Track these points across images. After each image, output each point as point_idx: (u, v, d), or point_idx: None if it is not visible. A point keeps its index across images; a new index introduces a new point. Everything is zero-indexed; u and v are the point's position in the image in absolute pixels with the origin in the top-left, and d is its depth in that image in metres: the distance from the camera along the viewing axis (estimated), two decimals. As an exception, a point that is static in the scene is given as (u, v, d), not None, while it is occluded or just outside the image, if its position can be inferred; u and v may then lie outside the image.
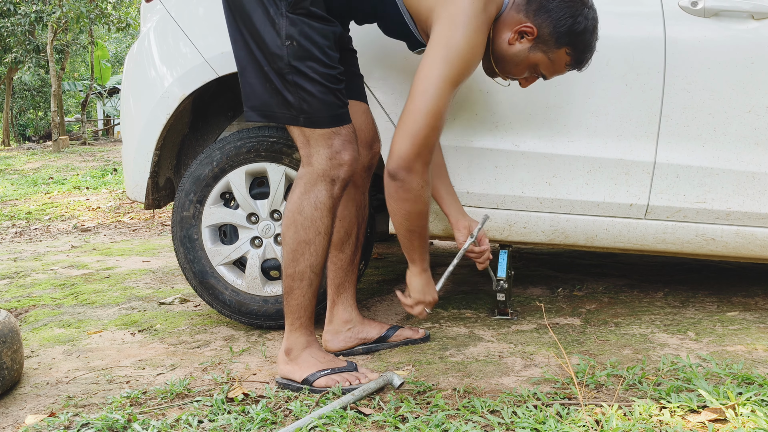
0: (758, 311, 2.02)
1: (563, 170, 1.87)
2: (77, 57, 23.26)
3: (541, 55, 1.50)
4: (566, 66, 1.52)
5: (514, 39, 1.49)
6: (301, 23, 1.43)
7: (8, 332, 1.59)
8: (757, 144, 1.80)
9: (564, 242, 1.93)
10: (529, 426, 1.25)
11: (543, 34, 1.47)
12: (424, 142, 1.40)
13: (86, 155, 12.22)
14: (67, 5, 12.01)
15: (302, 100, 1.45)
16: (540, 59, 1.50)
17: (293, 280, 1.52)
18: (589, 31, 1.48)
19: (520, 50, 1.50)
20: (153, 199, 2.15)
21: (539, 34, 1.47)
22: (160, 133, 2.04)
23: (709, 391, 1.34)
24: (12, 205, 6.32)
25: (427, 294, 1.63)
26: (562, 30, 1.46)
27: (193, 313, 2.26)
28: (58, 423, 1.39)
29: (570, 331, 1.89)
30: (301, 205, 1.49)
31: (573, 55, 1.50)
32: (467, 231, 1.77)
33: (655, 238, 1.88)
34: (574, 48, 1.49)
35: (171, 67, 2.03)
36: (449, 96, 1.41)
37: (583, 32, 1.47)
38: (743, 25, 1.78)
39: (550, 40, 1.47)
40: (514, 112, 1.87)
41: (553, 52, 1.49)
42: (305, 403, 1.43)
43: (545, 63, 1.51)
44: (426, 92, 1.39)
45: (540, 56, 1.50)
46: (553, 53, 1.49)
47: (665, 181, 1.84)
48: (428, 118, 1.39)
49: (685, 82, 1.79)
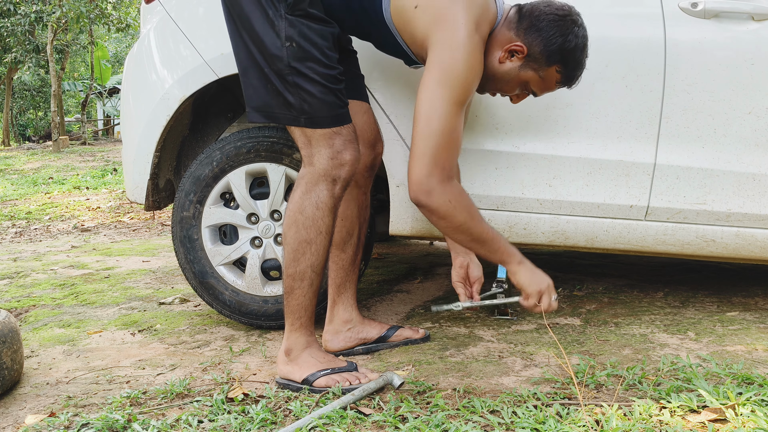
0: (758, 311, 2.02)
1: (563, 172, 1.87)
2: (77, 57, 23.26)
3: (531, 73, 1.50)
4: (557, 83, 1.53)
5: (504, 57, 1.49)
6: (300, 24, 1.43)
7: (8, 332, 1.59)
8: (757, 145, 1.80)
9: (564, 244, 1.93)
10: (529, 426, 1.25)
11: (533, 52, 1.47)
12: (433, 163, 1.40)
13: (86, 155, 12.22)
14: (67, 5, 12.01)
15: (303, 101, 1.45)
16: (530, 77, 1.51)
17: (294, 279, 1.53)
18: (579, 49, 1.48)
19: (510, 68, 1.50)
20: (153, 201, 2.15)
21: (529, 53, 1.47)
22: (160, 134, 2.04)
23: (709, 391, 1.34)
24: (12, 205, 6.33)
25: (540, 282, 1.50)
26: (553, 48, 1.46)
27: (193, 313, 2.26)
28: (58, 423, 1.39)
29: (570, 331, 1.89)
30: (303, 205, 1.50)
31: (563, 72, 1.50)
32: (463, 270, 1.76)
33: (655, 239, 1.88)
34: (564, 66, 1.49)
35: (171, 69, 2.03)
36: (457, 116, 1.41)
37: (574, 50, 1.47)
38: (743, 27, 1.78)
39: (541, 59, 1.47)
40: (514, 114, 1.87)
41: (544, 70, 1.49)
42: (305, 403, 1.43)
43: (536, 81, 1.51)
44: (430, 116, 1.40)
45: (530, 74, 1.50)
46: (544, 71, 1.49)
47: (665, 183, 1.84)
48: (434, 139, 1.39)
49: (685, 83, 1.79)
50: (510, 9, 1.52)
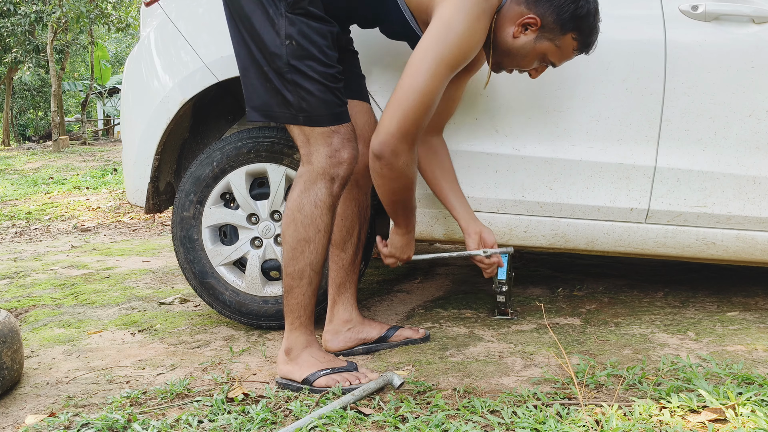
0: (758, 311, 2.02)
1: (564, 174, 1.87)
2: (77, 57, 23.26)
3: (548, 44, 1.50)
4: (574, 51, 1.53)
5: (518, 32, 1.49)
6: (300, 23, 1.43)
7: (8, 332, 1.59)
8: (757, 148, 1.80)
9: (565, 246, 1.93)
10: (529, 426, 1.25)
11: (547, 23, 1.47)
12: (412, 122, 1.41)
13: (86, 155, 12.22)
14: (67, 5, 12.01)
15: (301, 99, 1.46)
16: (547, 48, 1.51)
17: (293, 278, 1.53)
18: (592, 14, 1.49)
19: (525, 42, 1.50)
20: (153, 204, 2.15)
21: (543, 24, 1.47)
22: (161, 137, 2.04)
23: (709, 391, 1.35)
24: (12, 205, 6.32)
25: (404, 252, 1.72)
26: (566, 16, 1.46)
27: (193, 313, 2.26)
28: (58, 423, 1.39)
29: (570, 331, 1.89)
30: (301, 203, 1.50)
31: (579, 39, 1.50)
32: (478, 237, 1.74)
33: (655, 242, 1.88)
34: (579, 32, 1.49)
35: (171, 72, 2.03)
36: (443, 78, 1.41)
37: (587, 15, 1.47)
38: (744, 29, 1.78)
39: (555, 28, 1.48)
40: (515, 117, 1.87)
41: (559, 39, 1.49)
42: (305, 403, 1.43)
43: (553, 51, 1.51)
44: (419, 71, 1.39)
45: (547, 45, 1.50)
46: (560, 40, 1.49)
47: (666, 186, 1.84)
48: (418, 96, 1.39)
49: (685, 86, 1.79)
50: None
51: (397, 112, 1.41)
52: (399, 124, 1.41)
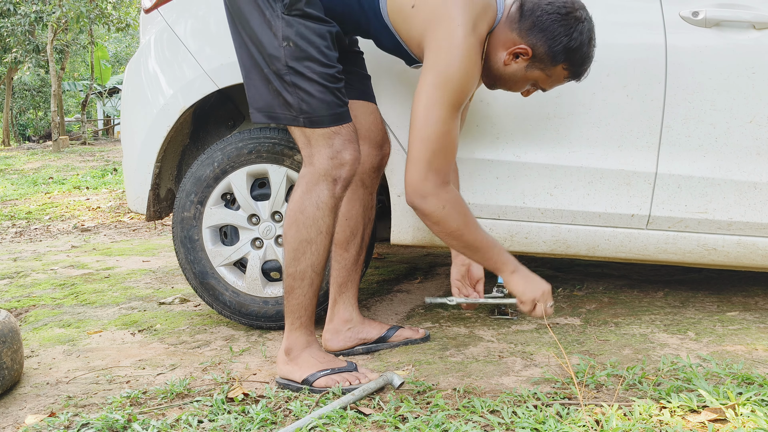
0: (758, 311, 2.02)
1: (564, 181, 1.87)
2: (77, 57, 23.25)
3: (538, 73, 1.49)
4: (565, 78, 1.52)
5: (509, 60, 1.48)
6: (297, 24, 1.44)
7: (8, 332, 1.59)
8: (758, 154, 1.79)
9: (566, 252, 1.93)
10: (529, 426, 1.25)
11: (538, 53, 1.45)
12: (428, 167, 1.41)
13: (86, 155, 12.22)
14: (67, 5, 12.01)
15: (301, 101, 1.46)
16: (538, 76, 1.50)
17: (294, 279, 1.53)
18: (585, 44, 1.46)
19: (516, 70, 1.49)
20: (154, 211, 2.15)
21: (534, 54, 1.46)
22: (161, 145, 2.04)
23: (709, 391, 1.35)
24: (12, 205, 6.32)
25: (534, 290, 1.49)
26: (558, 48, 1.44)
27: (193, 313, 2.27)
28: (58, 423, 1.39)
29: (570, 331, 1.89)
30: (303, 205, 1.50)
31: (571, 69, 1.49)
32: (465, 269, 1.76)
33: (656, 248, 1.88)
34: (571, 63, 1.47)
35: (171, 79, 2.03)
36: (453, 119, 1.41)
37: (579, 47, 1.45)
38: (744, 35, 1.77)
39: (546, 59, 1.46)
40: (515, 123, 1.87)
41: (550, 69, 1.48)
42: (305, 403, 1.43)
43: (543, 78, 1.51)
44: (426, 119, 1.40)
45: (537, 73, 1.49)
46: (550, 70, 1.48)
47: (667, 192, 1.83)
48: (429, 143, 1.40)
49: (686, 92, 1.79)
50: (511, 5, 1.49)
51: (412, 162, 1.42)
52: (416, 172, 1.41)
